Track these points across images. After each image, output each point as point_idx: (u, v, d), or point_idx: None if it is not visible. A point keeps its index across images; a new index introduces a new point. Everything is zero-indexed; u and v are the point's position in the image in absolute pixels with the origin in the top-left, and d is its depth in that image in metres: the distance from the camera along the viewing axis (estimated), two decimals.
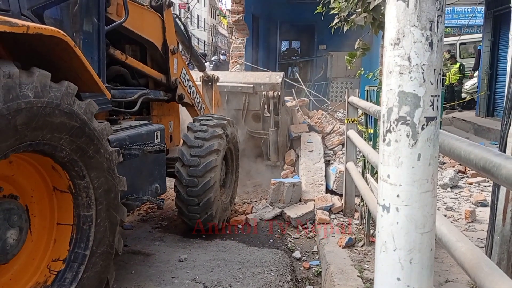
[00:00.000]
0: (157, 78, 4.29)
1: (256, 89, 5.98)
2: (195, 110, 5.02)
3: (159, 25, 4.22)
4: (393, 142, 1.26)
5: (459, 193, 5.81)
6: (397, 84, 1.23)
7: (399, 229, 1.28)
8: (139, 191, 3.37)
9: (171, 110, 4.77)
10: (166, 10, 4.29)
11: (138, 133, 3.41)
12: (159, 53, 4.26)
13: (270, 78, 6.04)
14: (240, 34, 10.86)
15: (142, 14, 3.98)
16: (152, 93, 4.19)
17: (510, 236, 2.58)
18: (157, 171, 3.66)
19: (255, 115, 6.14)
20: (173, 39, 4.42)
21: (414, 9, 1.19)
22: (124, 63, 3.84)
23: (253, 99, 6.07)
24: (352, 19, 3.82)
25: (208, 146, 4.01)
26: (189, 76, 4.83)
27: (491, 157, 1.30)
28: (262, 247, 4.13)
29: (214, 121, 4.25)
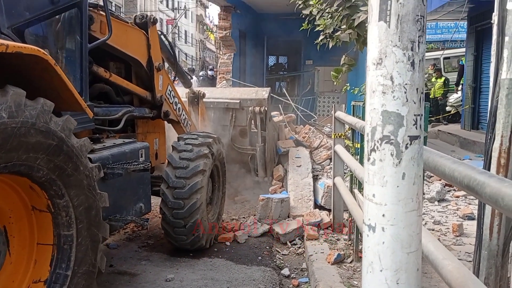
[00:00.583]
0: (142, 95, 4.26)
1: (242, 104, 5.93)
2: (181, 127, 4.97)
3: (144, 42, 4.21)
4: (378, 161, 1.25)
5: (446, 206, 5.84)
6: (380, 104, 1.23)
7: (385, 249, 1.26)
8: (122, 211, 3.29)
9: (157, 127, 4.72)
10: (151, 27, 4.28)
11: (122, 152, 3.35)
12: (144, 70, 4.24)
13: (256, 93, 5.99)
14: (227, 50, 10.92)
15: (126, 32, 3.96)
16: (137, 110, 4.15)
17: (497, 251, 2.59)
18: (141, 190, 3.60)
19: (242, 131, 6.07)
20: (158, 56, 4.40)
21: (396, 30, 1.20)
22: (108, 80, 3.81)
23: (239, 115, 6.01)
24: (337, 35, 3.85)
25: (193, 167, 3.95)
26: (175, 93, 4.80)
27: (475, 175, 1.30)
28: (250, 265, 4.08)
29: (199, 139, 4.19)
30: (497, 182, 1.19)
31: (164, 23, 45.25)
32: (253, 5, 12.08)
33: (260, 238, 4.76)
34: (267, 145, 5.86)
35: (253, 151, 5.97)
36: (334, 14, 3.80)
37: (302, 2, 4.03)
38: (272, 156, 6.13)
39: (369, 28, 1.26)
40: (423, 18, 1.21)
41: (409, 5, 1.19)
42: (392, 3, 1.20)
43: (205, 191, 4.10)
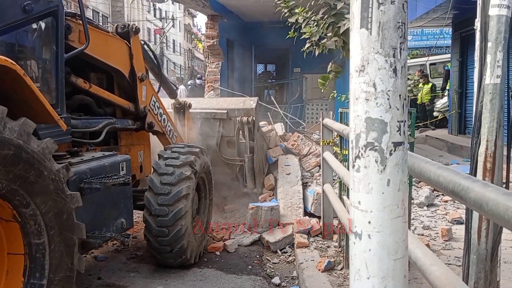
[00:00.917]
0: (125, 106, 4.16)
1: (230, 114, 5.80)
2: (166, 138, 4.86)
3: (125, 52, 4.11)
4: (362, 168, 1.25)
5: (435, 211, 5.87)
6: (364, 111, 1.23)
7: (372, 256, 1.26)
8: (102, 227, 3.16)
9: (141, 139, 4.61)
10: (133, 36, 4.19)
11: (101, 165, 3.22)
12: (126, 80, 4.14)
13: (244, 103, 5.87)
14: (215, 59, 10.93)
15: (107, 41, 3.88)
16: (119, 122, 4.05)
17: (486, 255, 2.59)
18: (122, 205, 3.46)
19: (230, 142, 5.94)
20: (141, 66, 4.32)
21: (377, 37, 1.20)
22: (88, 91, 3.71)
23: (227, 125, 5.88)
24: (323, 43, 3.88)
25: (176, 193, 3.81)
26: (159, 104, 4.69)
27: (459, 180, 1.31)
28: (240, 274, 4.05)
29: (181, 158, 4.02)
30: (481, 187, 1.20)
31: (152, 33, 45.27)
32: (240, 14, 12.13)
33: (250, 246, 4.73)
34: (255, 156, 5.72)
35: (241, 162, 5.84)
36: (320, 22, 3.83)
37: (288, 11, 4.06)
38: (261, 166, 6.00)
39: (351, 35, 1.27)
40: (404, 25, 1.22)
41: (390, 12, 1.20)
42: (373, 11, 1.20)
43: (190, 214, 3.99)
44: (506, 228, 1.13)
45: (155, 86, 4.87)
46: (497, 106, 2.55)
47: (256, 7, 9.99)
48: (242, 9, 11.44)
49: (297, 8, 3.99)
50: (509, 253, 4.10)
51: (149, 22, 42.93)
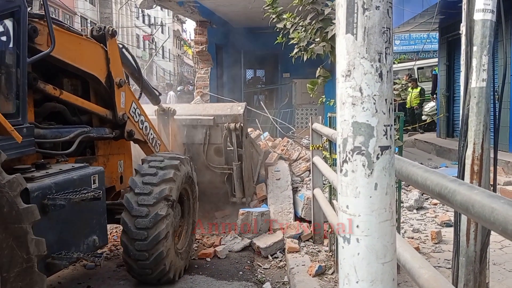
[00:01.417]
0: (101, 114, 3.93)
1: (217, 121, 5.50)
2: (149, 147, 4.62)
3: (101, 57, 3.90)
4: (350, 172, 1.26)
5: (424, 214, 5.91)
6: (351, 115, 1.24)
7: (361, 260, 1.26)
8: (70, 246, 2.91)
9: (121, 148, 4.38)
10: (109, 40, 3.97)
11: (68, 179, 2.97)
12: (103, 86, 3.92)
13: (231, 109, 5.58)
14: (204, 64, 10.94)
15: (80, 45, 3.65)
16: (95, 130, 3.82)
17: (475, 257, 2.61)
18: (94, 221, 3.20)
19: (217, 149, 5.64)
20: (119, 71, 4.09)
21: (363, 42, 1.21)
22: (59, 98, 3.49)
23: (214, 132, 5.58)
24: (311, 48, 3.90)
25: (158, 192, 3.60)
26: (141, 111, 4.46)
27: (446, 183, 1.32)
28: (231, 280, 4.04)
29: (166, 161, 3.83)
30: (467, 189, 1.21)
31: (141, 39, 45.18)
32: (228, 20, 12.15)
33: (241, 252, 4.72)
34: (244, 164, 5.47)
35: (229, 170, 5.57)
36: (308, 27, 3.85)
37: (276, 16, 4.07)
38: (250, 175, 5.74)
39: (337, 40, 1.27)
40: (389, 30, 1.23)
41: (375, 17, 1.21)
42: (358, 16, 1.21)
43: (172, 219, 3.78)
44: (492, 230, 1.14)
45: None
46: (483, 109, 2.57)
47: (245, 13, 10.03)
48: (231, 15, 11.47)
49: (285, 13, 4.01)
50: (498, 255, 4.14)
51: (138, 28, 42.84)
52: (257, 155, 6.01)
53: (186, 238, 4.27)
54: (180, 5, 9.65)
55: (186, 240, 4.26)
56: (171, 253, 3.74)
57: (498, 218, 1.01)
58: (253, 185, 5.83)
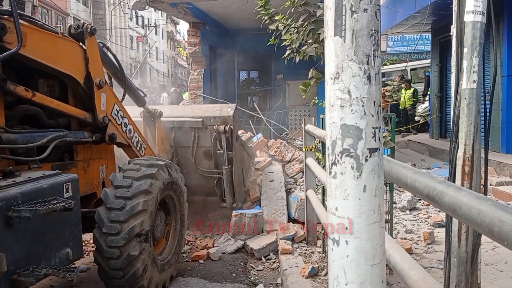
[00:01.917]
0: (80, 116, 3.71)
1: (205, 123, 5.27)
2: (133, 151, 4.39)
3: (79, 56, 3.68)
4: (339, 174, 1.26)
5: (417, 215, 5.93)
6: (339, 117, 1.24)
7: (350, 262, 1.26)
8: (40, 261, 2.70)
9: (104, 153, 4.14)
10: (88, 38, 3.74)
11: (37, 188, 2.72)
12: (81, 87, 3.71)
13: (221, 110, 5.32)
14: (198, 66, 10.93)
15: (55, 43, 3.42)
16: (72, 134, 3.59)
17: (466, 258, 2.62)
18: (68, 233, 2.93)
19: (206, 152, 5.41)
20: (99, 71, 3.87)
21: (351, 44, 1.22)
22: (32, 100, 3.27)
23: (203, 134, 5.35)
24: (303, 50, 3.90)
25: (131, 207, 3.33)
26: (124, 113, 4.23)
27: (434, 184, 1.32)
28: (224, 282, 4.03)
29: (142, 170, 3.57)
30: (455, 191, 1.21)
31: (135, 40, 45.09)
32: (222, 21, 12.16)
33: (234, 254, 4.71)
34: (234, 167, 5.24)
35: (219, 174, 5.35)
36: (300, 29, 3.86)
37: (268, 18, 4.07)
38: (241, 179, 5.52)
39: (325, 43, 1.28)
40: (377, 32, 1.23)
41: (363, 20, 1.21)
42: (346, 19, 1.22)
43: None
44: (479, 231, 1.15)
45: None
46: (474, 110, 2.58)
47: (238, 14, 10.03)
48: (224, 16, 11.47)
49: (277, 15, 4.01)
50: (490, 256, 4.16)
51: (131, 29, 42.75)
52: (248, 158, 5.83)
53: (173, 244, 4.07)
54: (173, 6, 9.64)
55: (173, 247, 4.06)
56: (150, 268, 3.48)
57: (484, 220, 1.01)
58: (244, 189, 5.64)
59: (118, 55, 28.15)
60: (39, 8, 27.50)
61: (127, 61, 43.04)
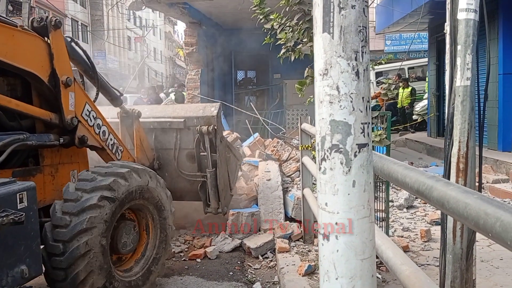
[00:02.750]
0: (44, 118, 3.41)
1: (188, 123, 4.94)
2: (108, 154, 4.07)
3: (43, 52, 3.38)
4: (328, 170, 1.27)
5: (414, 213, 5.95)
6: (328, 113, 1.25)
7: (340, 257, 1.27)
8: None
9: (75, 157, 3.82)
10: (52, 32, 3.42)
11: None
12: (46, 86, 3.40)
13: (204, 110, 4.99)
14: (195, 66, 10.93)
15: (13, 38, 3.15)
16: (35, 137, 3.28)
17: (461, 254, 2.63)
18: (22, 248, 2.63)
19: (189, 155, 5.08)
20: (66, 68, 3.55)
21: (339, 41, 1.23)
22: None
23: (185, 135, 5.02)
24: (298, 48, 3.91)
25: (75, 225, 3.01)
26: (97, 113, 3.92)
27: (424, 179, 1.34)
28: (221, 281, 4.04)
29: (98, 179, 3.25)
30: (443, 185, 1.22)
31: (133, 41, 45.08)
32: (219, 21, 12.16)
33: (231, 253, 4.72)
34: (219, 170, 4.91)
35: (203, 178, 5.00)
36: (295, 27, 3.86)
37: (263, 17, 4.08)
38: (227, 183, 5.18)
39: (314, 39, 1.29)
40: (365, 29, 1.24)
41: (351, 16, 1.22)
42: (334, 15, 1.23)
43: (103, 252, 3.12)
44: (466, 225, 1.16)
45: None
46: (468, 107, 2.60)
47: (235, 14, 10.04)
48: (221, 16, 11.48)
49: (272, 14, 4.02)
50: (486, 252, 4.18)
51: (129, 30, 42.75)
52: (235, 160, 5.58)
53: (149, 257, 3.72)
54: (170, 6, 9.65)
55: (149, 260, 3.71)
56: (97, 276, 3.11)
57: (470, 213, 1.03)
58: (230, 193, 5.32)
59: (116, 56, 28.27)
60: (36, 9, 27.48)
61: (125, 62, 43.05)
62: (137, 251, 3.70)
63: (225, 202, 5.06)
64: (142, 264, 3.66)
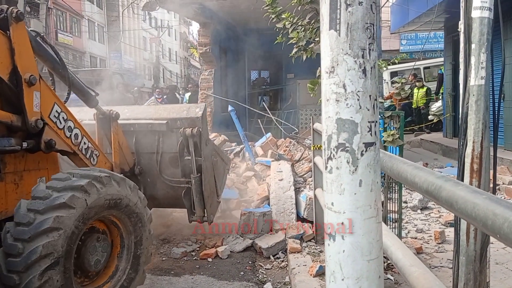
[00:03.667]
0: (5, 120, 3.06)
1: (171, 125, 4.58)
2: (81, 160, 3.70)
3: (2, 46, 3.07)
4: (334, 169, 1.25)
5: (429, 214, 5.88)
6: (335, 112, 1.24)
7: (346, 257, 1.26)
8: None
9: (43, 163, 3.48)
10: (13, 25, 3.09)
11: None
12: (5, 85, 3.07)
13: (188, 111, 4.64)
14: (208, 66, 10.95)
15: None
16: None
17: (475, 256, 2.59)
18: None
19: (173, 159, 4.72)
20: (29, 65, 3.22)
21: (346, 38, 1.21)
22: None
23: (168, 138, 4.66)
24: (310, 47, 3.89)
25: (39, 223, 2.67)
26: (68, 115, 3.57)
27: (433, 179, 1.31)
28: (232, 281, 4.04)
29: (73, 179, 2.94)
30: (452, 185, 1.20)
31: (148, 42, 45.45)
32: (232, 21, 12.18)
33: (242, 253, 4.71)
34: (204, 176, 4.55)
35: (187, 184, 4.64)
36: (307, 26, 3.85)
37: (275, 16, 4.07)
38: (213, 189, 4.83)
39: (321, 37, 1.27)
40: (372, 25, 1.23)
41: (358, 13, 1.20)
42: (341, 12, 1.21)
43: (61, 260, 2.71)
44: (474, 226, 1.13)
45: None
46: (482, 107, 2.56)
47: (248, 13, 10.04)
48: (234, 16, 11.49)
49: (284, 13, 4.01)
50: (501, 254, 4.10)
51: (144, 31, 43.11)
52: (223, 164, 5.24)
53: (120, 279, 3.32)
54: (183, 6, 9.69)
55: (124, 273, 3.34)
56: None
57: (479, 214, 1.00)
58: (217, 200, 4.98)
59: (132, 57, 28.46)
60: (53, 10, 27.87)
61: (141, 62, 43.44)
62: (110, 266, 3.30)
63: (211, 209, 4.74)
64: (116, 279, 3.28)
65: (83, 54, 35.00)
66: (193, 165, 4.52)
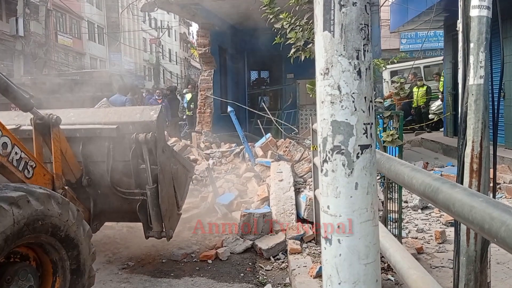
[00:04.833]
0: None
1: (122, 130, 4.09)
2: (12, 173, 3.22)
3: None
4: (330, 172, 1.24)
5: (429, 214, 5.85)
6: (330, 114, 1.22)
7: (343, 261, 1.24)
8: None
9: None
10: None
11: None
12: None
13: (141, 114, 4.19)
14: (207, 67, 10.93)
15: None
16: None
17: (475, 256, 2.57)
18: None
19: (125, 168, 4.22)
20: None
21: (340, 39, 1.20)
22: None
23: (119, 145, 4.16)
24: (308, 48, 3.87)
25: None
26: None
27: (430, 181, 1.30)
28: (232, 282, 4.02)
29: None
30: (449, 187, 1.18)
31: (148, 42, 45.44)
32: (231, 21, 12.16)
33: (242, 254, 4.69)
34: (161, 186, 4.09)
35: (142, 195, 4.18)
36: (305, 27, 3.83)
37: (273, 16, 4.06)
38: (172, 200, 4.40)
39: (315, 38, 1.26)
40: (367, 26, 1.21)
41: (352, 14, 1.19)
42: (335, 13, 1.20)
43: None
44: (471, 228, 1.11)
45: None
46: (481, 106, 2.54)
47: (247, 14, 10.02)
48: (233, 16, 11.47)
49: (282, 13, 3.99)
50: (503, 254, 4.07)
51: (144, 32, 43.09)
52: (185, 172, 4.81)
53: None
54: (182, 7, 9.67)
55: None
56: None
57: (476, 217, 0.99)
58: (178, 212, 4.56)
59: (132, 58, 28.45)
60: (53, 12, 27.85)
61: (141, 63, 43.43)
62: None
63: (170, 224, 4.28)
64: None
65: (83, 55, 35.03)
66: (148, 175, 4.06)
